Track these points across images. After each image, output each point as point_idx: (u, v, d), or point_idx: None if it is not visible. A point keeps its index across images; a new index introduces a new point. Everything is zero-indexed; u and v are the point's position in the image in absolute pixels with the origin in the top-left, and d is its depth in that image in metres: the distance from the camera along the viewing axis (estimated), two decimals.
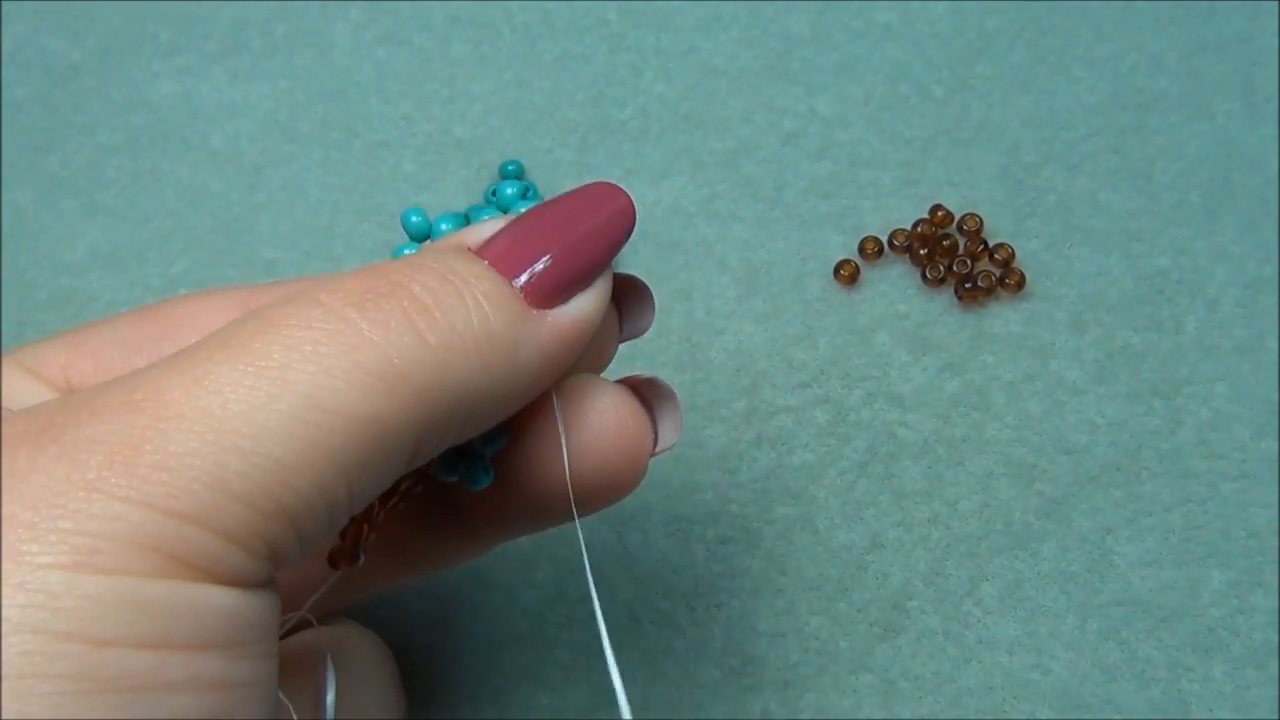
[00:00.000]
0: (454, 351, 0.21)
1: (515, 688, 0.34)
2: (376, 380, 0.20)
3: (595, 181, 0.25)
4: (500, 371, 0.22)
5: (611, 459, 0.25)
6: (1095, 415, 0.36)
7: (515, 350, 0.22)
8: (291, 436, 0.20)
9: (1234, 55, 0.42)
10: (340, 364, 0.20)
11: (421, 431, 0.21)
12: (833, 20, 0.43)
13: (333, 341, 0.20)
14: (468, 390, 0.21)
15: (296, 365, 0.20)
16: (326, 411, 0.20)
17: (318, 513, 0.20)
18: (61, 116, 0.43)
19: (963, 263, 0.38)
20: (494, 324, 0.22)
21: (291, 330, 0.20)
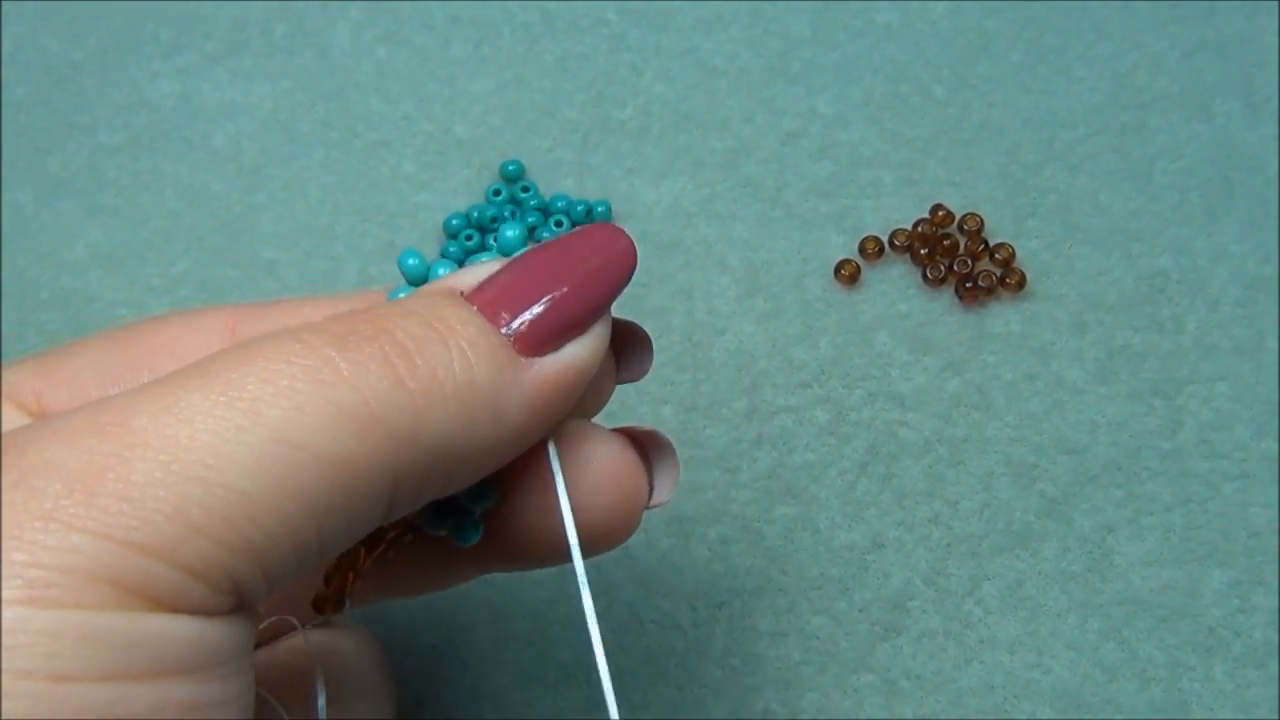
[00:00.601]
0: (433, 399, 0.21)
1: (516, 688, 0.34)
2: (350, 421, 0.20)
3: (597, 224, 0.24)
4: (483, 422, 0.21)
5: (605, 509, 0.24)
6: (1096, 415, 0.36)
7: (498, 400, 0.21)
8: (259, 470, 0.19)
9: (1234, 55, 0.42)
10: (314, 401, 0.20)
11: (397, 478, 0.20)
12: (833, 20, 0.43)
13: (309, 378, 0.20)
14: (448, 440, 0.21)
15: (269, 399, 0.20)
16: (296, 447, 0.19)
17: (284, 552, 0.20)
18: (62, 116, 0.42)
19: (963, 262, 0.38)
20: (477, 373, 0.21)
21: (269, 363, 0.20)
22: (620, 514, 0.25)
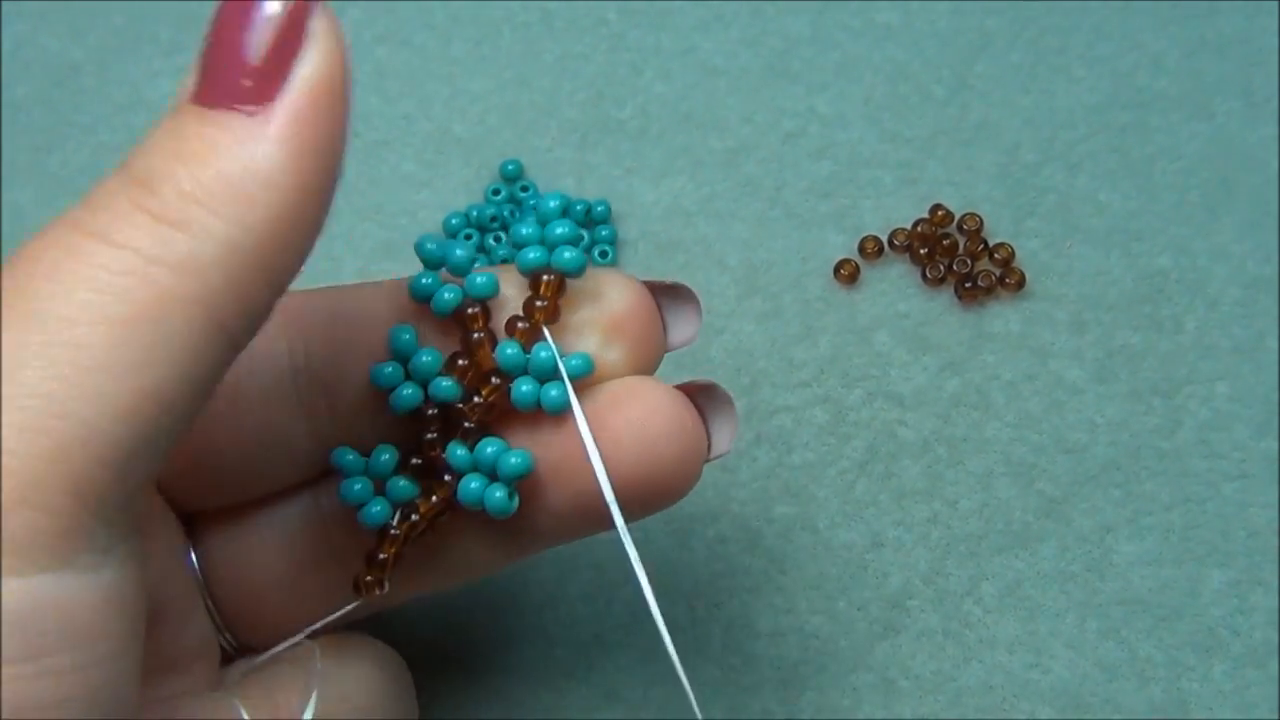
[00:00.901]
0: (192, 213, 0.19)
1: (516, 686, 0.34)
2: (121, 278, 0.19)
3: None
4: (260, 198, 0.19)
5: (663, 461, 0.25)
6: (1095, 415, 0.36)
7: (259, 166, 0.20)
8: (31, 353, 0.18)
9: (1234, 55, 0.42)
10: (98, 258, 0.19)
11: (207, 301, 0.19)
12: (833, 20, 0.43)
13: (69, 254, 0.19)
14: (237, 236, 0.19)
15: (40, 288, 0.19)
16: (69, 321, 0.18)
17: (116, 431, 0.18)
18: (62, 116, 0.43)
19: (963, 262, 0.38)
20: (223, 163, 0.19)
21: (50, 244, 0.19)
22: (679, 463, 0.25)
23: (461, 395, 0.25)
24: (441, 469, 0.26)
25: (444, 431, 0.26)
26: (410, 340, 0.26)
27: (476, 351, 0.26)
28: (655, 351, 0.26)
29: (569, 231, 0.26)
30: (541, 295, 0.25)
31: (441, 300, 0.26)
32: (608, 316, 0.26)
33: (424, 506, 0.26)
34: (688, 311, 0.27)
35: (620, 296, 0.26)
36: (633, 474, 0.25)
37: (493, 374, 0.25)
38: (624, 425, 0.25)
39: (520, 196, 0.40)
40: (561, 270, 0.26)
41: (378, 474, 0.26)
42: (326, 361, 0.25)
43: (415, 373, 0.25)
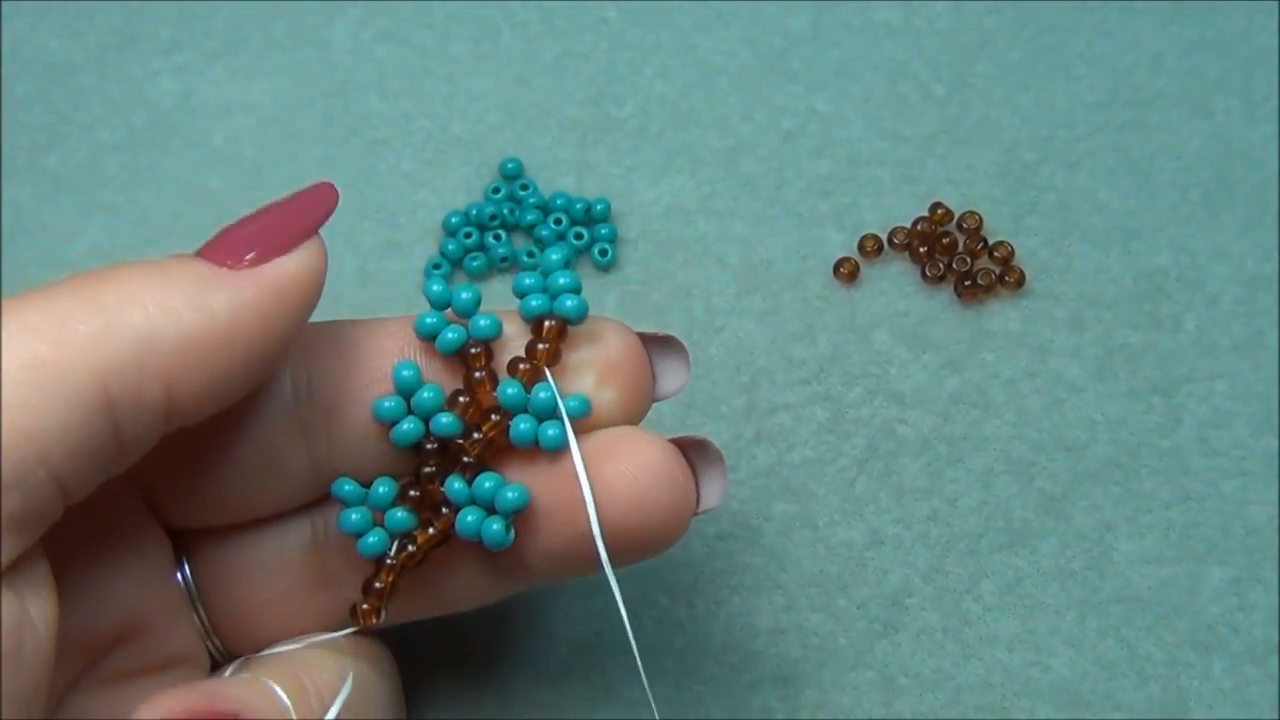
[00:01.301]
0: (127, 299, 0.23)
1: (515, 683, 0.34)
2: (34, 332, 0.22)
3: (318, 184, 0.27)
4: (188, 315, 0.23)
5: (653, 512, 0.26)
6: (1095, 412, 0.36)
7: (201, 291, 0.23)
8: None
9: (1233, 53, 0.42)
10: (9, 323, 0.22)
11: (106, 375, 0.22)
12: (832, 18, 0.43)
13: (6, 309, 0.22)
14: (153, 333, 0.22)
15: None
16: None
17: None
18: (61, 114, 0.43)
19: (962, 260, 0.38)
20: (173, 270, 0.23)
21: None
22: (667, 512, 0.26)
23: (461, 431, 0.26)
24: (439, 502, 0.27)
25: (442, 465, 0.27)
26: (413, 376, 0.26)
27: (478, 389, 0.27)
28: (645, 398, 0.27)
29: (571, 281, 0.27)
30: (543, 338, 0.27)
31: (445, 339, 0.27)
32: (603, 359, 0.27)
33: (421, 537, 0.26)
34: (677, 363, 0.28)
35: (616, 341, 0.27)
36: (623, 522, 0.25)
37: (493, 411, 0.26)
38: (617, 475, 0.26)
39: (520, 195, 0.40)
40: (563, 317, 0.27)
41: (376, 505, 0.27)
42: (329, 390, 0.26)
43: (417, 408, 0.26)
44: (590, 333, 0.27)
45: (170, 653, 0.27)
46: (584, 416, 0.26)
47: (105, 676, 0.26)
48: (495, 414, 0.26)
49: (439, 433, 0.26)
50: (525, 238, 0.40)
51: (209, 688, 0.24)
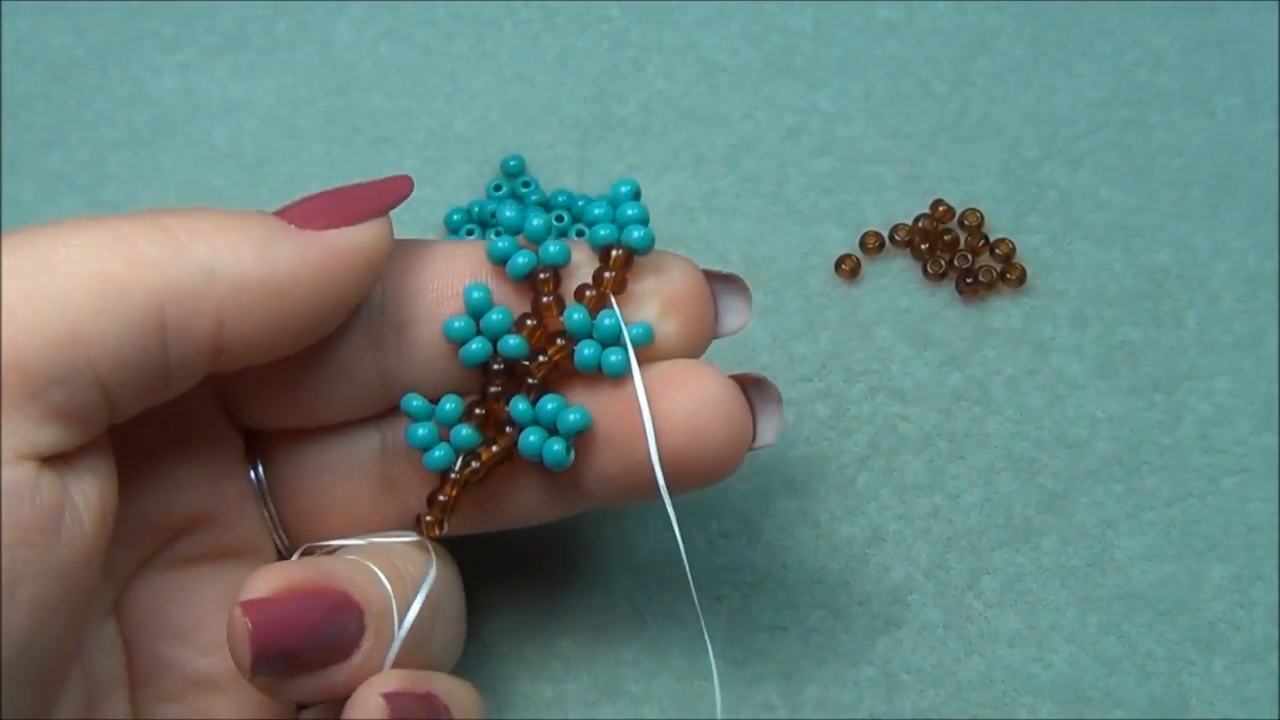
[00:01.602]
0: (197, 233, 0.24)
1: (517, 679, 0.34)
2: (107, 249, 0.23)
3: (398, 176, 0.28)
4: (250, 259, 0.24)
5: (710, 444, 0.26)
6: (1096, 410, 0.36)
7: (267, 240, 0.24)
8: (14, 280, 0.22)
9: (1235, 51, 0.42)
10: (81, 234, 0.23)
11: (165, 299, 0.23)
12: (834, 16, 0.43)
13: (78, 224, 0.24)
14: (214, 269, 0.24)
15: (32, 235, 0.23)
16: (47, 263, 0.23)
17: (44, 353, 0.22)
18: (63, 112, 0.43)
19: (964, 258, 0.38)
20: (245, 219, 0.25)
21: (55, 224, 0.24)
22: (723, 442, 0.26)
23: (528, 353, 0.27)
24: (503, 421, 0.28)
25: (508, 386, 0.27)
26: (483, 297, 0.27)
27: (545, 313, 0.27)
28: (707, 333, 0.28)
29: (639, 213, 0.28)
30: (610, 267, 0.27)
31: (516, 263, 0.27)
32: (668, 291, 0.28)
33: (485, 454, 0.27)
34: (739, 302, 0.29)
35: (680, 275, 0.28)
36: (680, 452, 0.26)
37: (558, 335, 0.27)
38: (677, 405, 0.26)
39: (522, 192, 0.40)
40: (630, 247, 0.27)
41: (443, 421, 0.27)
42: (400, 305, 0.27)
43: (486, 328, 0.27)
44: (656, 265, 0.28)
45: (237, 543, 0.29)
46: (647, 344, 0.27)
47: (175, 558, 0.28)
48: (560, 338, 0.27)
49: (506, 354, 0.27)
50: None
51: (318, 564, 0.26)
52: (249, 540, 0.29)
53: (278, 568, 0.26)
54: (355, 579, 0.26)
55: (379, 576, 0.27)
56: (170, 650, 0.28)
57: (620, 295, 0.28)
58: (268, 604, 0.25)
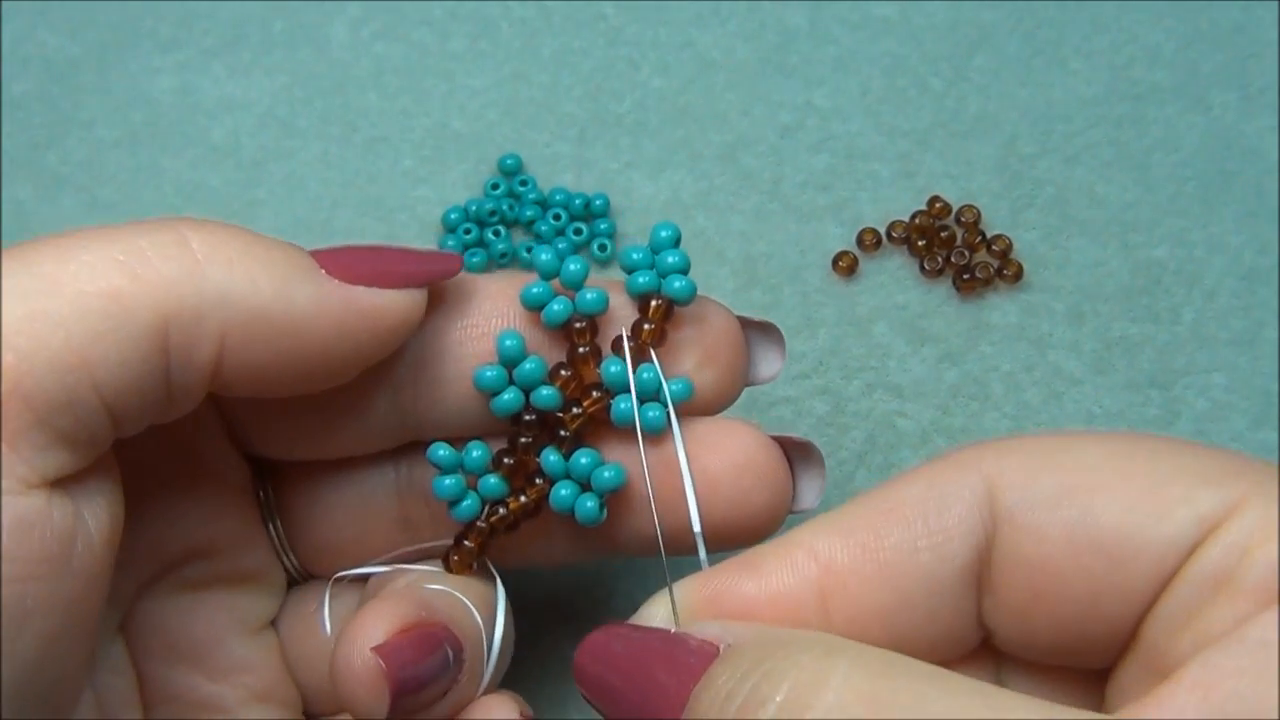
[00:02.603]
0: (215, 258, 0.23)
1: (516, 686, 0.34)
2: (117, 264, 0.22)
3: (443, 254, 0.26)
4: (265, 286, 0.23)
5: (750, 508, 0.26)
6: (1093, 405, 0.36)
7: (288, 276, 0.24)
8: (18, 300, 0.21)
9: (1230, 47, 0.42)
10: (90, 249, 0.22)
11: (170, 320, 0.22)
12: (830, 13, 0.43)
13: (91, 235, 0.23)
14: (226, 295, 0.23)
15: (45, 250, 0.22)
16: (53, 281, 0.22)
17: (47, 381, 0.21)
18: (61, 112, 0.43)
19: (960, 254, 0.38)
20: (275, 249, 0.24)
21: (66, 233, 0.23)
22: (764, 514, 0.26)
23: (561, 405, 0.26)
24: (533, 472, 0.27)
25: (539, 437, 0.27)
26: (516, 345, 0.26)
27: (581, 365, 0.26)
28: (740, 381, 0.28)
29: (680, 261, 0.27)
30: (650, 318, 0.26)
31: (552, 312, 0.26)
32: (706, 342, 0.27)
33: (512, 503, 0.27)
34: (774, 350, 0.28)
35: (718, 324, 0.27)
36: (721, 515, 0.26)
37: (594, 387, 0.27)
38: (720, 468, 0.26)
39: (519, 191, 0.40)
40: (671, 298, 0.26)
41: (470, 470, 0.27)
42: (423, 342, 0.26)
43: (519, 379, 0.26)
44: (693, 313, 0.27)
45: (246, 570, 0.28)
46: (686, 400, 0.26)
47: (179, 583, 0.28)
48: (596, 390, 0.26)
49: (539, 405, 0.26)
50: (525, 233, 0.40)
51: (416, 599, 0.26)
52: (256, 568, 0.29)
53: (382, 609, 0.25)
54: (450, 611, 0.26)
55: (468, 606, 0.26)
56: (177, 674, 0.28)
57: (660, 347, 0.27)
58: (394, 646, 0.24)
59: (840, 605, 0.23)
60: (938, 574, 0.22)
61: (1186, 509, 0.20)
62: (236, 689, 0.27)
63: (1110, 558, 0.21)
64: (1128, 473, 0.21)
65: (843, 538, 0.23)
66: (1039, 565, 0.22)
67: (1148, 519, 0.21)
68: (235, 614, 0.28)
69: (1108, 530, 0.21)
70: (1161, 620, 0.21)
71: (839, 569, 0.22)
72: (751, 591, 0.23)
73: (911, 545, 0.22)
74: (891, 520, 0.22)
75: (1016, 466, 0.22)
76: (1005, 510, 0.22)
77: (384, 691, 0.24)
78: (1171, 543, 0.20)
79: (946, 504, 0.22)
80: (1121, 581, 0.21)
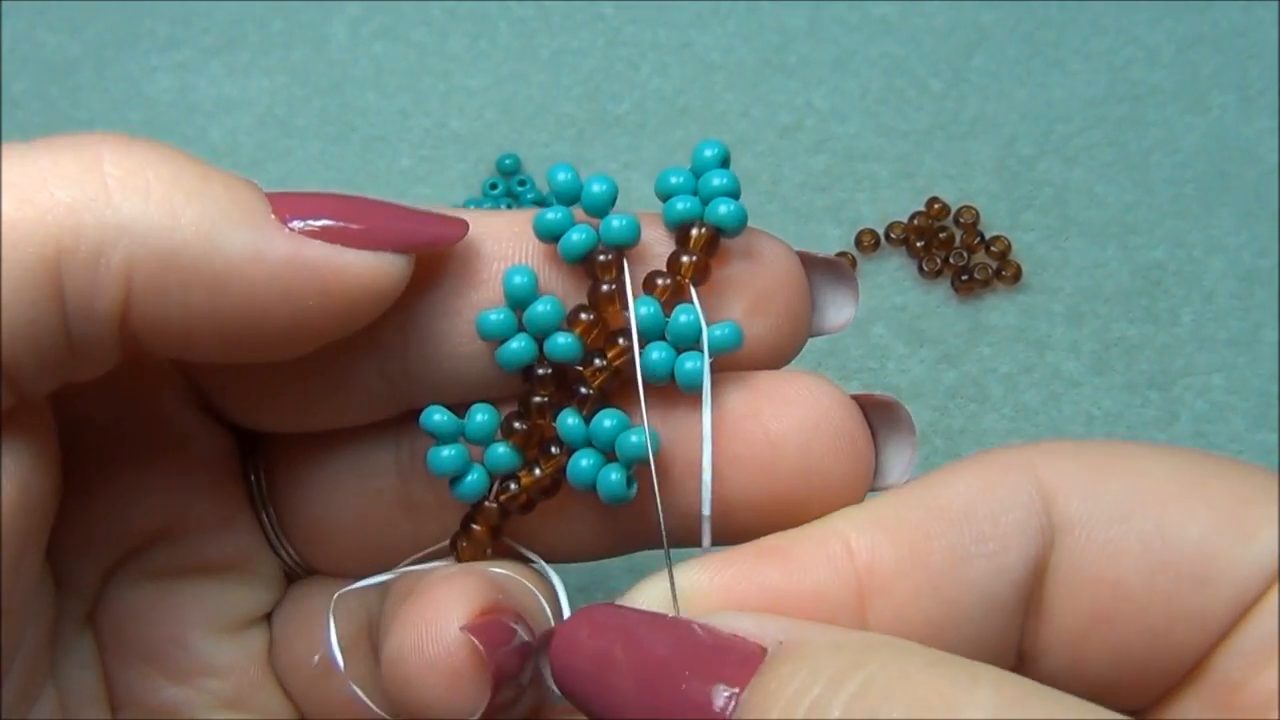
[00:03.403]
0: (131, 187, 0.19)
1: None
2: (12, 188, 0.18)
3: (447, 216, 0.21)
4: (189, 227, 0.19)
5: (824, 479, 0.21)
6: (1092, 406, 0.36)
7: (219, 222, 0.19)
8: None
9: (1230, 48, 0.42)
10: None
11: (63, 252, 0.18)
12: (829, 14, 0.43)
13: (9, 156, 0.19)
14: (134, 229, 0.18)
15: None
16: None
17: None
18: (59, 111, 0.43)
19: (959, 255, 0.38)
20: (216, 184, 0.19)
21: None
22: (840, 487, 0.21)
23: (581, 355, 0.21)
24: (549, 439, 0.22)
25: (556, 396, 0.22)
26: (526, 284, 0.21)
27: (605, 306, 0.21)
28: (802, 332, 0.22)
29: (729, 183, 0.22)
30: (690, 249, 0.21)
31: (571, 242, 0.21)
32: (760, 283, 0.22)
33: (526, 478, 0.22)
34: (844, 293, 0.22)
35: (776, 262, 0.22)
36: (785, 487, 0.21)
37: (621, 334, 0.21)
38: (785, 428, 0.21)
39: (517, 190, 0.40)
40: (717, 225, 0.21)
41: (474, 438, 0.22)
42: (410, 293, 0.21)
43: (529, 323, 0.21)
44: (745, 248, 0.22)
45: (220, 558, 0.24)
46: (733, 350, 0.21)
47: (146, 571, 0.24)
48: (623, 338, 0.21)
49: (554, 356, 0.21)
50: None
51: (488, 581, 0.21)
52: (237, 556, 0.25)
53: (456, 586, 0.20)
54: (521, 598, 0.22)
55: (536, 594, 0.22)
56: (135, 674, 0.24)
57: (702, 286, 0.21)
58: (485, 625, 0.20)
59: (881, 611, 0.19)
60: (992, 587, 0.19)
61: (1270, 529, 0.18)
62: (201, 694, 0.24)
63: (1192, 580, 0.18)
64: (1201, 488, 0.19)
65: (889, 535, 0.19)
66: (1107, 584, 0.19)
67: (1232, 539, 0.18)
68: (206, 609, 0.24)
69: (1189, 548, 0.18)
70: (1240, 653, 0.18)
71: (884, 570, 0.19)
72: (778, 583, 0.19)
73: (964, 551, 0.19)
74: (942, 521, 0.19)
75: (1077, 471, 0.19)
76: (1067, 519, 0.19)
77: (480, 680, 0.19)
78: (1257, 566, 0.18)
79: (1003, 508, 0.19)
80: (1202, 607, 0.18)
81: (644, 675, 0.18)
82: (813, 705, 0.16)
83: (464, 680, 0.20)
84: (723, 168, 0.22)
